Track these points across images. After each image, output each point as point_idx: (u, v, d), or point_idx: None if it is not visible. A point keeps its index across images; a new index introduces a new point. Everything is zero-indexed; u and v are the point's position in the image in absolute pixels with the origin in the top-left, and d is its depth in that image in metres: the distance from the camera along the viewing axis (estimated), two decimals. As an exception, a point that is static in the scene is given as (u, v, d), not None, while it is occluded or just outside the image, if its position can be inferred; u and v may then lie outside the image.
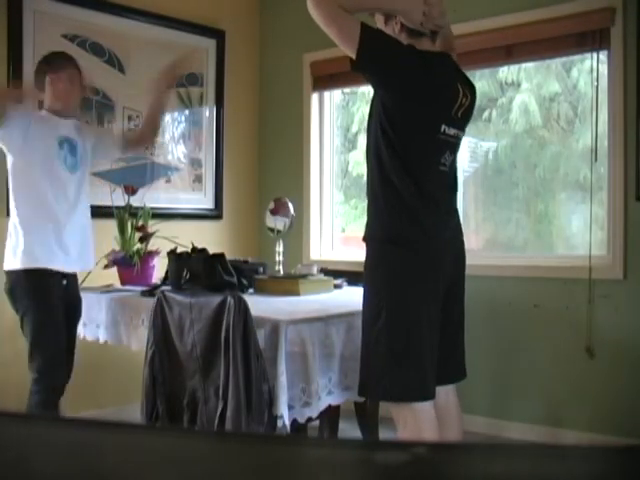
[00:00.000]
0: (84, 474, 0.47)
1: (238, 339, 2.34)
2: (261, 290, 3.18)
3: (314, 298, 3.06)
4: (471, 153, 4.19)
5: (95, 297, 3.25)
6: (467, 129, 4.13)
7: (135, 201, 3.77)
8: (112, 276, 3.56)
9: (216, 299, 2.45)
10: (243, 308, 2.38)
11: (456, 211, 2.39)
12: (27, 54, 3.66)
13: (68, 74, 3.01)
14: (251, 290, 3.18)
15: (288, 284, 3.15)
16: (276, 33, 4.79)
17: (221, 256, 2.94)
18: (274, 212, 3.50)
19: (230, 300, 2.39)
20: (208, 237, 4.46)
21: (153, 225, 3.65)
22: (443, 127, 2.20)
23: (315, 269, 3.44)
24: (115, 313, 3.13)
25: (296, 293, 3.08)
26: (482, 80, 4.16)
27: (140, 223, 3.59)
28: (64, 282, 3.03)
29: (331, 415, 2.72)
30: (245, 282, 3.15)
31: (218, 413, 2.37)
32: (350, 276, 3.68)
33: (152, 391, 2.65)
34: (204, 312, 2.48)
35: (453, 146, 2.28)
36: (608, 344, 3.46)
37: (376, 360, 2.20)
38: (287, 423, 2.34)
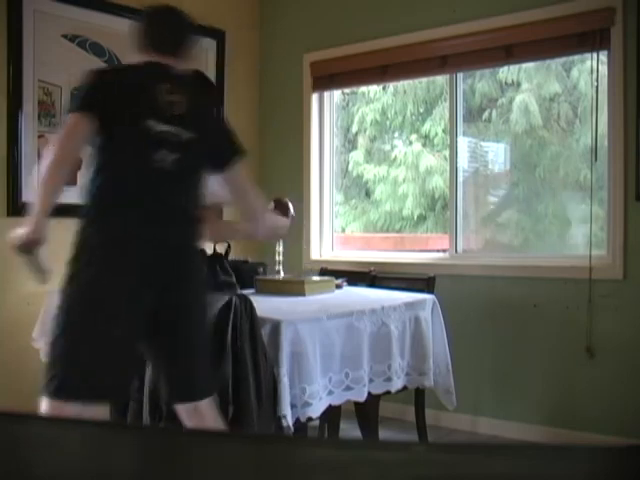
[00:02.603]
0: (86, 473, 0.47)
1: (246, 339, 2.34)
2: (264, 290, 3.18)
3: (314, 298, 3.06)
4: (471, 153, 4.19)
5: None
6: (467, 129, 4.16)
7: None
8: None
9: (222, 299, 2.45)
10: (249, 308, 2.38)
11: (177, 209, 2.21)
12: (27, 54, 3.66)
13: None
14: (252, 290, 3.18)
15: (294, 284, 3.16)
16: (276, 33, 4.79)
17: (219, 256, 2.94)
18: (274, 212, 3.50)
19: (236, 300, 2.39)
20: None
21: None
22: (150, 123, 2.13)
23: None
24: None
25: (302, 293, 3.08)
26: (482, 80, 4.16)
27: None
28: None
29: (331, 415, 2.71)
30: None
31: (230, 415, 2.37)
32: (350, 276, 3.68)
33: (155, 391, 2.65)
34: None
35: (171, 143, 2.16)
36: (608, 344, 3.46)
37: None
38: (290, 423, 2.34)
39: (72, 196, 4.21)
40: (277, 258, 3.44)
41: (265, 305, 2.72)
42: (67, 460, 0.50)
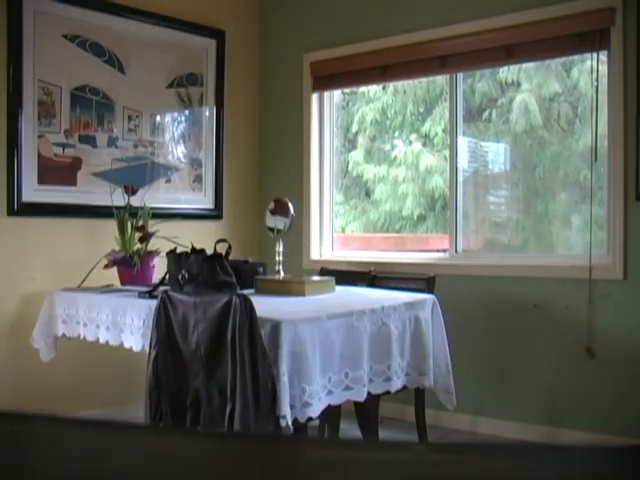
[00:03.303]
0: (86, 473, 0.47)
1: (245, 338, 2.34)
2: (264, 290, 3.18)
3: (314, 298, 3.06)
4: (471, 153, 4.19)
5: (96, 297, 3.25)
6: (467, 129, 4.15)
7: (135, 201, 3.78)
8: (112, 276, 3.56)
9: (222, 299, 2.45)
10: (249, 308, 2.38)
11: None
12: (27, 54, 3.66)
13: None
14: (251, 290, 3.18)
15: (293, 284, 3.16)
16: (276, 33, 4.79)
17: (219, 256, 2.95)
18: (274, 212, 3.50)
19: (236, 300, 2.39)
20: (208, 237, 4.46)
21: (153, 225, 3.65)
22: None
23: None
24: (115, 314, 3.13)
25: (301, 293, 3.08)
26: (482, 80, 4.16)
27: (140, 223, 3.59)
28: None
29: (331, 415, 2.72)
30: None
31: (227, 413, 2.37)
32: (350, 276, 3.68)
33: (156, 391, 2.65)
34: (209, 312, 2.48)
35: None
36: (608, 344, 3.46)
37: None
38: (290, 423, 2.34)
39: (71, 197, 4.22)
40: (277, 258, 3.44)
41: (265, 305, 2.72)
42: (67, 460, 0.50)
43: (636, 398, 3.36)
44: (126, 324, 3.07)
